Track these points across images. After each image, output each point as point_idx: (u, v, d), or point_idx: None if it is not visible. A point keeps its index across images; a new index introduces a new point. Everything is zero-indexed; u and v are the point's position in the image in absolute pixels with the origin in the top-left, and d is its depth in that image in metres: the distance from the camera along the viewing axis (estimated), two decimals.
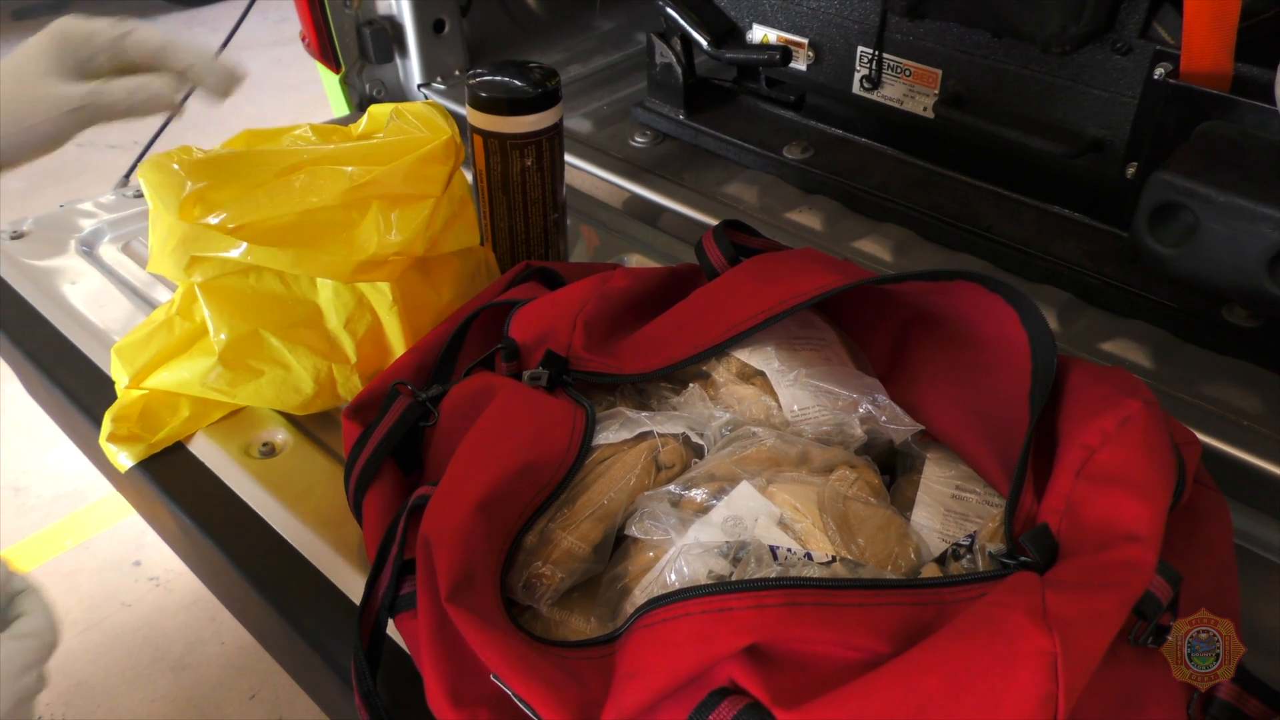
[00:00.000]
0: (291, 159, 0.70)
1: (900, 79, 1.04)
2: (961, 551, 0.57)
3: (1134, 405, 0.56)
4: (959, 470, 0.65)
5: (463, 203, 0.78)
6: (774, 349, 0.67)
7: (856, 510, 0.59)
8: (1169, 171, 0.74)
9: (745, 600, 0.48)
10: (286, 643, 0.67)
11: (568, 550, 0.59)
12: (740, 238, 0.78)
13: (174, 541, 0.83)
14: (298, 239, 0.68)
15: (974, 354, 0.67)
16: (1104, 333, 0.89)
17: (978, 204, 1.04)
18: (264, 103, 2.88)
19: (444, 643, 0.54)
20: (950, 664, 0.45)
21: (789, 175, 1.12)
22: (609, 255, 1.03)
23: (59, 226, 1.03)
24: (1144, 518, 0.51)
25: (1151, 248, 0.76)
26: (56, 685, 1.43)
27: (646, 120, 1.23)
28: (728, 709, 0.46)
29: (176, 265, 0.69)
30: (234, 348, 0.72)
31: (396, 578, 0.59)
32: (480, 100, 0.83)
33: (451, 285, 0.80)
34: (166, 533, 0.82)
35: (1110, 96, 0.91)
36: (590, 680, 0.52)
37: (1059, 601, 0.46)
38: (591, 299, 0.70)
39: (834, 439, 0.65)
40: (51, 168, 2.50)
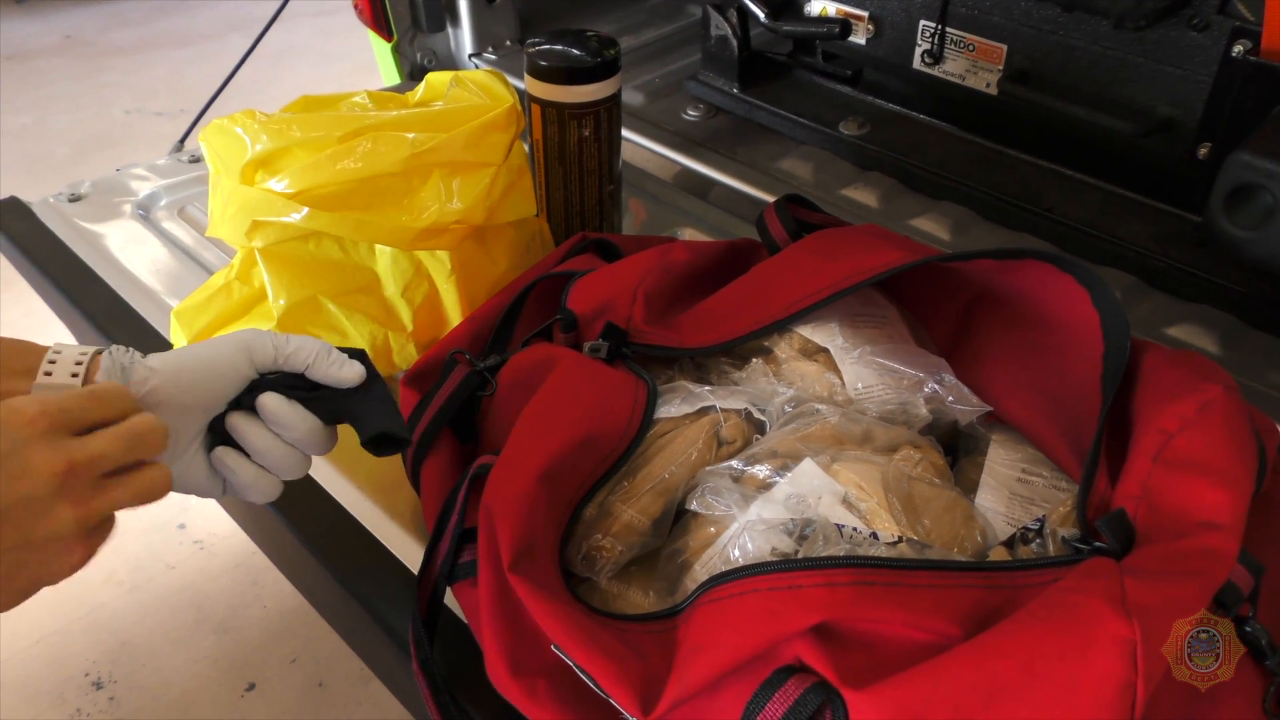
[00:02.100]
0: (354, 124, 0.70)
1: (963, 54, 1.02)
2: (1030, 535, 0.56)
3: (1214, 390, 0.55)
4: (1025, 453, 0.64)
5: (520, 172, 0.78)
6: (838, 325, 0.66)
7: (921, 491, 0.58)
8: (1248, 152, 0.71)
9: (815, 578, 0.47)
10: (342, 608, 0.67)
11: (627, 524, 0.59)
12: (801, 212, 0.77)
13: (230, 506, 0.84)
14: (359, 205, 0.67)
15: (1042, 335, 0.65)
16: (1169, 317, 0.87)
17: (1039, 183, 1.02)
18: (306, 73, 2.89)
19: (504, 612, 0.54)
20: (1025, 648, 0.44)
21: (844, 151, 1.10)
22: (659, 229, 1.02)
23: (115, 190, 1.03)
24: (1225, 505, 0.50)
25: (1227, 230, 0.73)
26: (102, 644, 1.46)
27: (699, 94, 1.21)
28: (794, 687, 0.46)
29: (237, 230, 0.69)
30: (292, 313, 0.72)
31: (456, 546, 0.59)
32: (540, 69, 0.82)
33: (507, 255, 0.80)
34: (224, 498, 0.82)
35: (1184, 74, 0.88)
36: (652, 653, 0.51)
37: (1138, 589, 0.45)
38: (652, 271, 0.69)
39: (898, 418, 0.64)
40: (98, 133, 2.53)
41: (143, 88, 2.80)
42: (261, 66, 2.72)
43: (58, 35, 3.09)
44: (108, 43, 3.07)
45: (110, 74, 2.88)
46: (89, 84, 2.82)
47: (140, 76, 2.87)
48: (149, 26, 3.16)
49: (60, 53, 3.00)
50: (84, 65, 2.92)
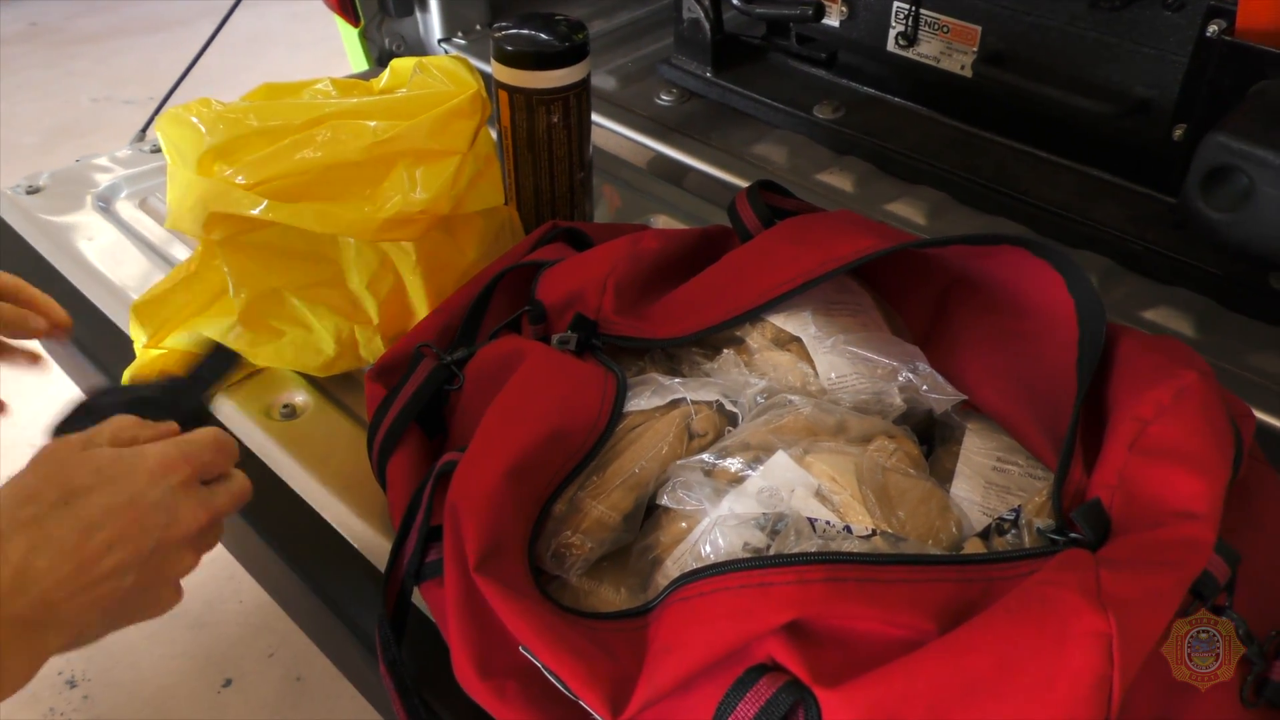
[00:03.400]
0: (313, 113, 0.68)
1: (937, 36, 1.01)
2: (1006, 526, 0.55)
3: (1189, 376, 0.54)
4: (1000, 441, 0.63)
5: (488, 160, 0.76)
6: (810, 314, 0.65)
7: (896, 482, 0.57)
8: (1224, 133, 0.71)
9: (786, 575, 0.46)
10: (309, 608, 0.66)
11: (598, 519, 0.58)
12: (774, 199, 0.76)
13: None
14: (320, 195, 0.66)
15: (1017, 321, 0.64)
16: (1145, 300, 0.86)
17: (1015, 166, 1.01)
18: (279, 59, 2.84)
19: (471, 612, 0.53)
20: (1000, 643, 0.43)
21: (819, 135, 1.09)
22: (633, 216, 1.01)
23: (75, 181, 1.01)
24: (1202, 494, 0.49)
25: (1203, 212, 0.73)
26: None
27: (673, 78, 1.20)
28: (766, 686, 0.45)
29: (195, 222, 0.67)
30: (254, 307, 0.71)
31: (422, 545, 0.58)
32: (506, 54, 0.80)
33: (476, 245, 0.78)
34: None
35: (1159, 55, 0.88)
36: (622, 653, 0.50)
37: (1114, 580, 0.45)
38: (622, 260, 0.68)
39: (872, 408, 0.63)
40: (66, 123, 2.49)
41: (112, 75, 2.76)
42: (232, 53, 2.69)
43: (23, 22, 3.03)
44: (75, 30, 3.01)
45: (78, 61, 2.83)
46: (56, 72, 2.77)
47: (109, 64, 2.82)
48: (118, 13, 3.10)
49: (26, 40, 2.94)
50: (51, 53, 2.87)
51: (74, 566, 0.43)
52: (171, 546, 0.47)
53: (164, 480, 0.47)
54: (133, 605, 0.46)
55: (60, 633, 0.43)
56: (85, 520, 0.44)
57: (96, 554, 0.43)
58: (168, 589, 0.48)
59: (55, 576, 0.42)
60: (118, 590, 0.44)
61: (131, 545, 0.44)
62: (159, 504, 0.46)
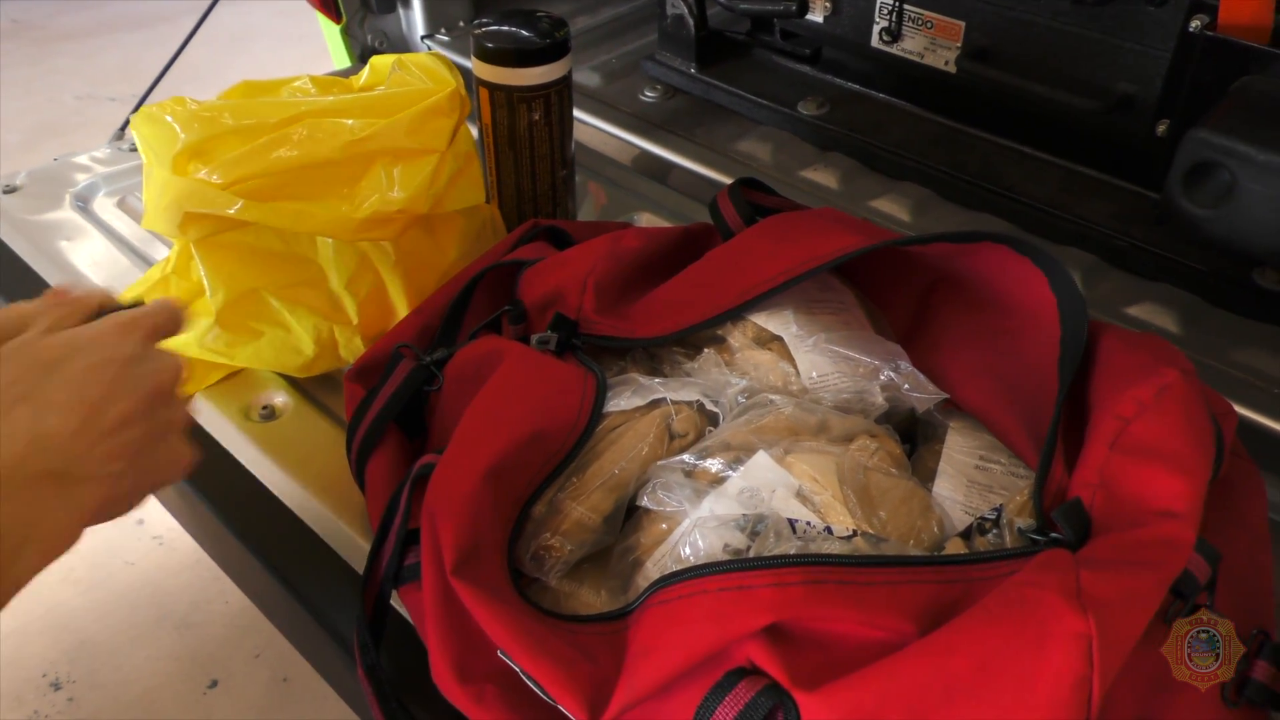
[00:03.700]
0: (290, 111, 0.67)
1: (921, 31, 1.00)
2: (987, 526, 0.55)
3: (1171, 374, 0.54)
4: (983, 440, 0.63)
5: (468, 159, 0.75)
6: (792, 313, 0.65)
7: (878, 482, 0.57)
8: (1206, 129, 0.70)
9: (764, 578, 0.45)
10: (288, 612, 0.66)
11: (577, 521, 0.57)
12: (757, 196, 0.75)
13: (172, 506, 0.81)
14: (296, 195, 0.65)
15: (1000, 319, 0.64)
16: (1130, 296, 0.86)
17: (1000, 162, 1.01)
18: (264, 56, 2.83)
19: (450, 617, 0.53)
20: (979, 645, 0.43)
21: (804, 132, 1.08)
22: (618, 214, 1.00)
23: (53, 180, 1.00)
24: (1182, 493, 0.49)
25: (1186, 209, 0.73)
26: (60, 643, 1.43)
27: (657, 74, 1.19)
28: (745, 690, 0.44)
29: (170, 222, 0.66)
30: (232, 308, 0.70)
31: (400, 549, 0.57)
32: (486, 51, 0.79)
33: (457, 244, 0.78)
34: (164, 497, 0.80)
35: (1142, 50, 0.87)
36: (601, 657, 0.50)
37: (1094, 581, 0.44)
38: (602, 259, 0.67)
39: (854, 407, 0.62)
40: (49, 121, 2.47)
41: (95, 73, 2.74)
42: (217, 50, 2.67)
43: (5, 19, 3.00)
44: (58, 26, 2.99)
45: (61, 59, 2.81)
46: (39, 69, 2.75)
47: (93, 61, 2.80)
48: (101, 9, 3.08)
49: (8, 37, 2.92)
50: (34, 50, 2.85)
51: (81, 420, 0.43)
52: (163, 395, 0.47)
53: (130, 336, 0.47)
54: (153, 459, 0.46)
55: (92, 486, 0.43)
56: (75, 381, 0.44)
57: (98, 407, 0.44)
58: (178, 441, 0.48)
59: (67, 431, 0.42)
60: (131, 441, 0.45)
61: (128, 396, 0.45)
62: (135, 356, 0.47)
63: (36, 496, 0.40)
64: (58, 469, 0.42)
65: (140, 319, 0.49)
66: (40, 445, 0.42)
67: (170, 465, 0.49)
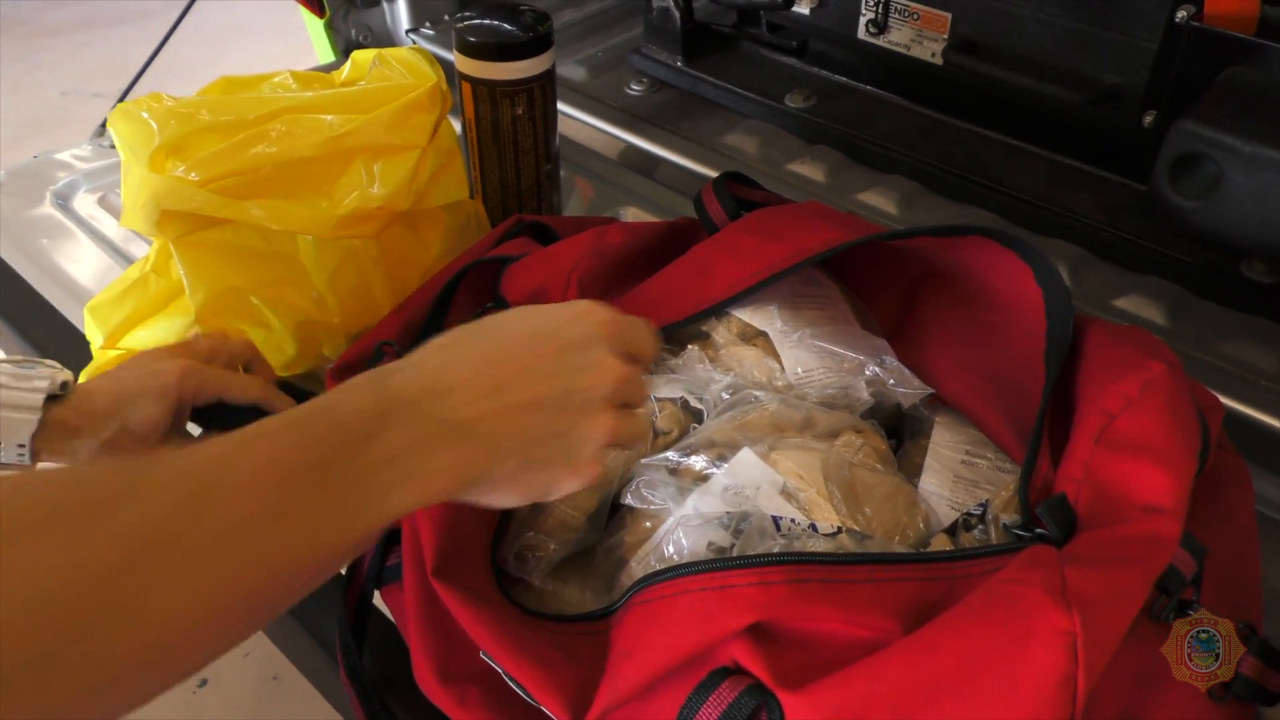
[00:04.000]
0: (268, 107, 0.66)
1: (908, 23, 1.00)
2: (973, 522, 0.55)
3: (1157, 367, 0.54)
4: (969, 435, 0.62)
5: (450, 154, 0.75)
6: (777, 308, 0.64)
7: (863, 478, 0.56)
8: (1192, 120, 0.70)
9: (747, 577, 0.45)
10: None
11: (561, 520, 0.57)
12: (741, 190, 0.75)
13: None
14: (275, 192, 0.64)
15: (986, 313, 0.64)
16: (1117, 289, 0.86)
17: (987, 155, 1.00)
18: (251, 51, 2.81)
19: (432, 618, 0.52)
20: (964, 643, 0.43)
21: (791, 125, 1.08)
22: (604, 208, 0.99)
23: (33, 178, 0.99)
24: (1167, 488, 0.48)
25: (1172, 200, 0.72)
26: None
27: (643, 67, 1.18)
28: (728, 690, 0.44)
29: (148, 220, 0.65)
30: (212, 307, 0.69)
31: (382, 549, 0.57)
32: (468, 45, 0.79)
33: (440, 240, 0.77)
34: None
35: (1128, 41, 0.87)
36: (585, 657, 0.49)
37: (1079, 578, 0.44)
38: (586, 255, 0.67)
39: (839, 402, 0.62)
40: (33, 117, 2.45)
41: (80, 68, 2.72)
42: (204, 45, 2.65)
43: None
44: (43, 22, 2.96)
45: (46, 54, 2.79)
46: (24, 65, 2.72)
47: (78, 56, 2.78)
48: (86, 4, 3.06)
49: None
50: (18, 46, 2.83)
51: (489, 385, 0.41)
52: (588, 395, 0.43)
53: (586, 319, 0.44)
54: (547, 453, 0.42)
55: (479, 447, 0.40)
56: (499, 344, 0.42)
57: (510, 378, 0.41)
58: (586, 448, 0.43)
59: (471, 391, 0.40)
60: (532, 424, 0.41)
61: (546, 379, 0.42)
62: (577, 341, 0.43)
63: (423, 434, 0.38)
64: (447, 418, 0.39)
65: (617, 319, 0.45)
66: (441, 388, 0.40)
67: (565, 470, 0.43)
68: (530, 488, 0.43)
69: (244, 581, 0.34)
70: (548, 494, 0.44)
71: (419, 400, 0.39)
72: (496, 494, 0.42)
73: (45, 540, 0.30)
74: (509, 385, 0.41)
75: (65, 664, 0.29)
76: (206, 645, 0.34)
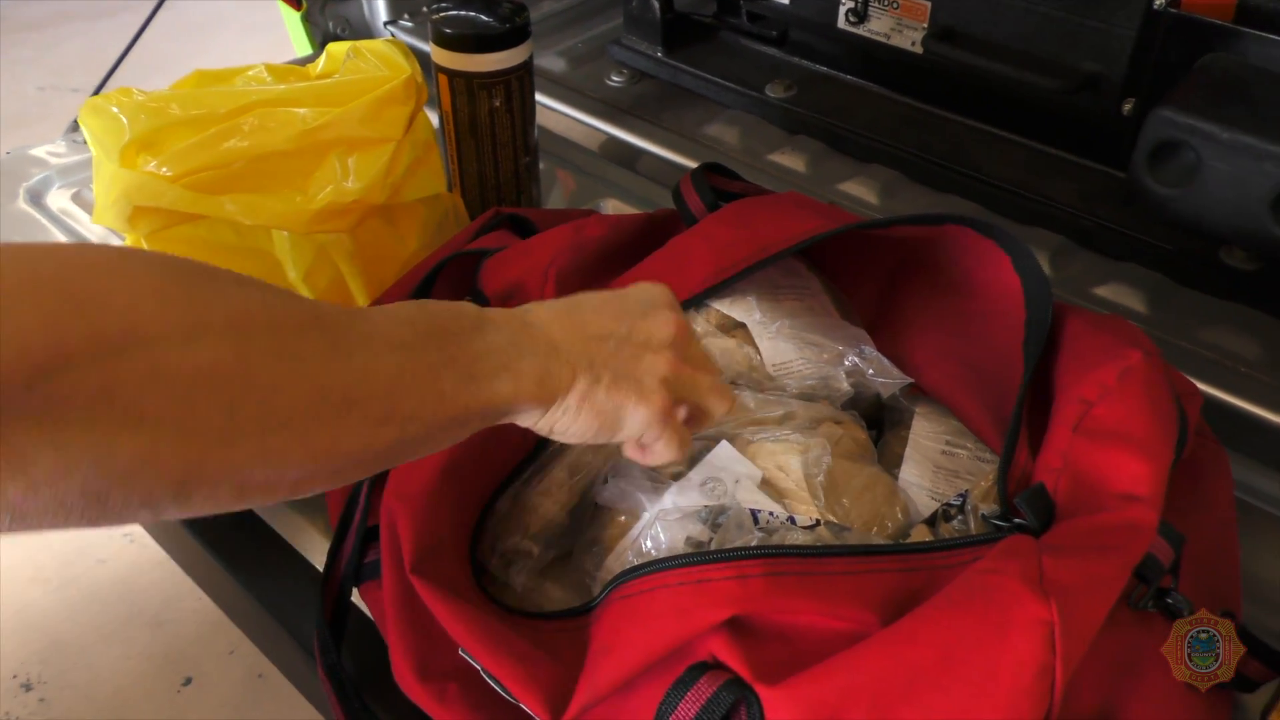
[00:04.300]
0: (240, 101, 0.66)
1: (888, 12, 1.00)
2: (953, 512, 0.55)
3: (1134, 356, 0.53)
4: (949, 425, 0.62)
5: (427, 146, 0.74)
6: (755, 299, 0.64)
7: (843, 469, 0.56)
8: (1170, 107, 0.70)
9: (724, 571, 0.45)
10: (249, 612, 0.65)
11: (546, 517, 0.56)
12: (720, 181, 0.74)
13: None
14: (248, 187, 0.64)
15: (966, 302, 0.64)
16: (1098, 276, 0.86)
17: (967, 143, 1.00)
18: (230, 44, 2.79)
19: (410, 614, 0.52)
20: (942, 634, 0.43)
21: (771, 115, 1.07)
22: (585, 200, 0.99)
23: (5, 175, 0.98)
24: (1145, 476, 0.48)
25: (1150, 188, 0.72)
26: (31, 644, 1.41)
27: (623, 58, 1.18)
28: (706, 685, 0.44)
29: (120, 216, 0.65)
30: None
31: (360, 546, 0.56)
32: (444, 37, 0.78)
33: (417, 234, 0.76)
34: None
35: (1107, 28, 0.87)
36: (565, 654, 0.49)
37: (1056, 567, 0.44)
38: (565, 249, 0.66)
39: (819, 393, 0.62)
40: (10, 113, 2.43)
41: (57, 63, 2.69)
42: (183, 38, 2.63)
43: None
44: (18, 16, 2.93)
45: (22, 49, 2.76)
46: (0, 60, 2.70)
47: (55, 51, 2.76)
48: None
49: None
50: None
51: (567, 323, 0.47)
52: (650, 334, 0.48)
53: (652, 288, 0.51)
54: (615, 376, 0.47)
55: (561, 362, 0.45)
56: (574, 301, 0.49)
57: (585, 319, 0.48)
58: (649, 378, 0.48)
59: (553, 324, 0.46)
60: (604, 350, 0.47)
61: (616, 318, 0.48)
62: (643, 298, 0.50)
63: (518, 339, 0.44)
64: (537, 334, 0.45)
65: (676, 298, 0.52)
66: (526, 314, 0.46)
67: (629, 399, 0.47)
68: (603, 411, 0.46)
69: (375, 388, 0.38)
70: (619, 422, 0.47)
71: (512, 319, 0.45)
72: (574, 416, 0.46)
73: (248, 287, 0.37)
74: (584, 322, 0.48)
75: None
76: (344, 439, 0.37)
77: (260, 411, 0.34)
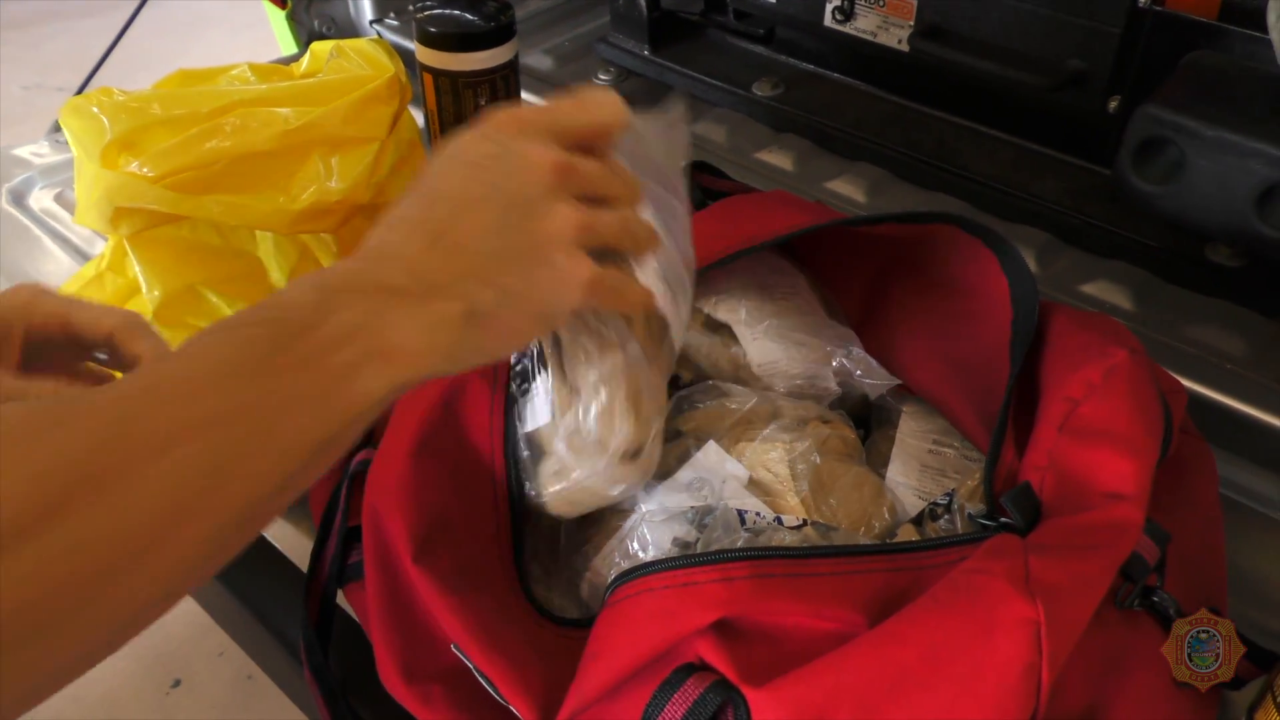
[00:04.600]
0: (222, 100, 0.65)
1: (874, 10, 0.99)
2: (939, 511, 0.55)
3: (1119, 354, 0.53)
4: (936, 424, 0.62)
5: (412, 146, 0.74)
6: (742, 298, 0.64)
7: (830, 468, 0.56)
8: (1155, 104, 0.70)
9: (710, 573, 0.45)
10: (235, 615, 0.64)
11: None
12: (708, 180, 0.74)
13: None
14: (230, 187, 0.63)
15: (953, 301, 0.64)
16: (1084, 274, 0.86)
17: (954, 141, 1.00)
18: (219, 43, 2.77)
19: (395, 615, 0.52)
20: (928, 634, 0.43)
21: (758, 113, 1.07)
22: None
23: None
24: (1130, 474, 0.48)
25: (1136, 185, 0.72)
26: None
27: (610, 56, 1.17)
28: (693, 687, 0.44)
29: (102, 217, 0.64)
30: (169, 305, 0.68)
31: (343, 547, 0.56)
32: (429, 35, 0.78)
33: None
34: None
35: (1093, 26, 0.87)
36: (561, 660, 0.49)
37: (1042, 566, 0.44)
38: None
39: (806, 393, 0.62)
40: None
41: (43, 62, 2.67)
42: (170, 37, 2.61)
43: None
44: (4, 14, 2.91)
45: (7, 48, 2.74)
46: None
47: (40, 50, 2.73)
48: None
49: None
50: None
51: (426, 237, 0.38)
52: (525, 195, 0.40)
53: (491, 130, 0.41)
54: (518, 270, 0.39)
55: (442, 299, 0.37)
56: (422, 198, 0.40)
57: (443, 221, 0.39)
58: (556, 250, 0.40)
59: (409, 251, 0.38)
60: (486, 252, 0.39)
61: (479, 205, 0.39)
62: (489, 154, 0.40)
63: (373, 308, 0.36)
64: (399, 284, 0.37)
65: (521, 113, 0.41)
66: (378, 259, 0.38)
67: (552, 285, 0.40)
68: (525, 315, 0.40)
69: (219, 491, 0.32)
70: (550, 316, 0.41)
71: (359, 278, 0.37)
72: (492, 342, 0.39)
73: None
74: (446, 228, 0.39)
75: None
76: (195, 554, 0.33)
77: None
